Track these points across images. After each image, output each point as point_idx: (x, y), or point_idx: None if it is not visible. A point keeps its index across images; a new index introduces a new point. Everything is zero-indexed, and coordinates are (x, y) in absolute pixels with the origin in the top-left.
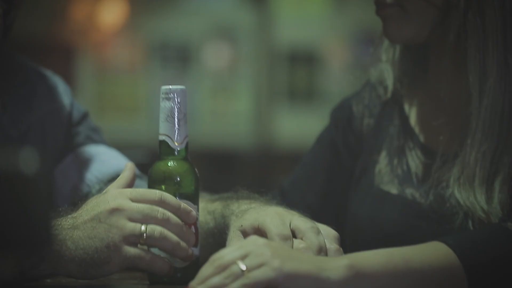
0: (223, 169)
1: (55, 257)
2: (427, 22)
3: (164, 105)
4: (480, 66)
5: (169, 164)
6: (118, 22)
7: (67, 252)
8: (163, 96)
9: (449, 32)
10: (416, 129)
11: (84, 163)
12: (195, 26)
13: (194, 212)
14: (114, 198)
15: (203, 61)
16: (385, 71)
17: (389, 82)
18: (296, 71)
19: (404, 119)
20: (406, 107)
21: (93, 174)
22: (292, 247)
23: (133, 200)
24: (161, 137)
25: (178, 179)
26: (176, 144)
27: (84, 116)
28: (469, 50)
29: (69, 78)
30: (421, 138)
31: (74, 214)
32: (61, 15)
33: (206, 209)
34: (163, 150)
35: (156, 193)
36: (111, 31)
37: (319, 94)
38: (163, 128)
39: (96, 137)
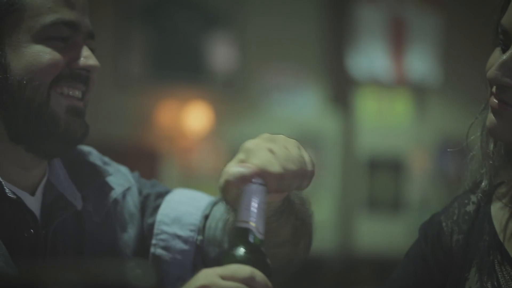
0: (305, 276)
1: None
2: None
3: (260, 199)
4: None
5: (249, 253)
6: (203, 128)
7: None
8: (254, 186)
9: None
10: (506, 244)
11: (172, 225)
12: (279, 133)
13: None
14: (205, 276)
15: None
16: (483, 174)
17: (484, 182)
18: (377, 179)
19: (494, 234)
20: (496, 222)
21: (188, 228)
22: None
23: (223, 278)
24: (243, 225)
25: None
26: (260, 234)
27: (139, 179)
28: None
29: None
30: (511, 253)
31: None
32: (147, 121)
33: None
34: (245, 238)
35: (247, 270)
36: (196, 137)
37: (400, 202)
38: (258, 221)
39: (161, 189)
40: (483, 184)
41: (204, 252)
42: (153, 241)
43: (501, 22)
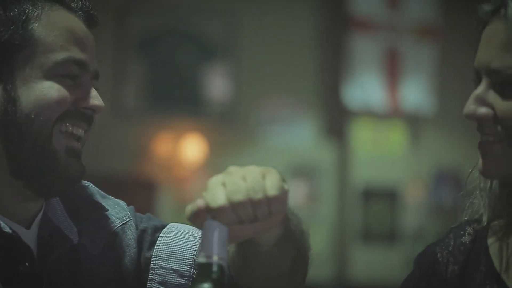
0: None
1: None
2: None
3: (219, 232)
4: None
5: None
6: (199, 160)
7: None
8: (209, 221)
9: None
10: (503, 274)
11: (168, 260)
12: (273, 164)
13: None
14: None
15: None
16: (481, 207)
17: (484, 217)
18: (372, 209)
19: (491, 265)
20: (493, 254)
21: (185, 263)
22: None
23: None
24: (217, 261)
25: None
26: (222, 260)
27: (134, 213)
28: None
29: (150, 212)
30: (508, 283)
31: None
32: (144, 152)
33: None
34: (218, 273)
35: None
36: (192, 168)
37: (395, 232)
38: (220, 252)
39: (156, 223)
40: (483, 220)
41: None
42: (150, 276)
43: (474, 63)
